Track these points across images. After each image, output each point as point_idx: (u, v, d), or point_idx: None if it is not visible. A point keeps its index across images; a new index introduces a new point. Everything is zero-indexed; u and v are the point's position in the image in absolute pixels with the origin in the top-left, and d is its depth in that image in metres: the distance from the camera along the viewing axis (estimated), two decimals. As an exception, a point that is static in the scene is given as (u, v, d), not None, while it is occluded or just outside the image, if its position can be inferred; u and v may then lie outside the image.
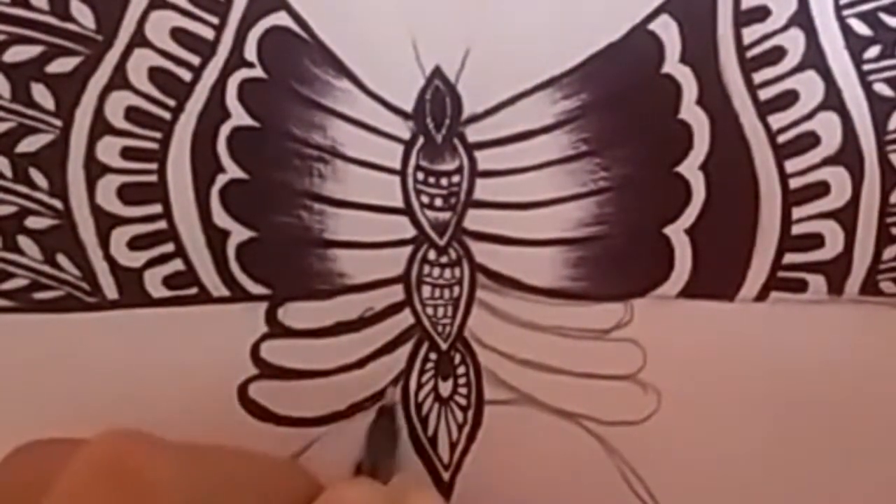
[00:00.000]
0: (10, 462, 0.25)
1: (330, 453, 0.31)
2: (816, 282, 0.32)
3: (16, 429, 0.31)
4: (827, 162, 0.31)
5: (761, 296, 0.32)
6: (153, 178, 0.30)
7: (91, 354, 0.31)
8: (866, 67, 0.31)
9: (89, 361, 0.31)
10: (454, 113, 0.31)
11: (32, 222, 0.30)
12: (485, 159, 0.31)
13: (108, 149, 0.30)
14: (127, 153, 0.30)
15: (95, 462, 0.21)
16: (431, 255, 0.31)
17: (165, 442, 0.22)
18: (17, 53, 0.30)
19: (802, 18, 0.31)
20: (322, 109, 0.31)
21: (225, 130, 0.30)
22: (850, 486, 0.32)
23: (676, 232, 0.31)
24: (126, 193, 0.30)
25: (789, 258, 0.31)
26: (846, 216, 0.31)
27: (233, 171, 0.31)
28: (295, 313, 0.31)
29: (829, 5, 0.31)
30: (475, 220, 0.31)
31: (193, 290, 0.31)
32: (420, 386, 0.32)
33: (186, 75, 0.30)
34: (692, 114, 0.31)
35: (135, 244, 0.31)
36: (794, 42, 0.31)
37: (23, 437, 0.31)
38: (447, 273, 0.31)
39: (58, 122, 0.30)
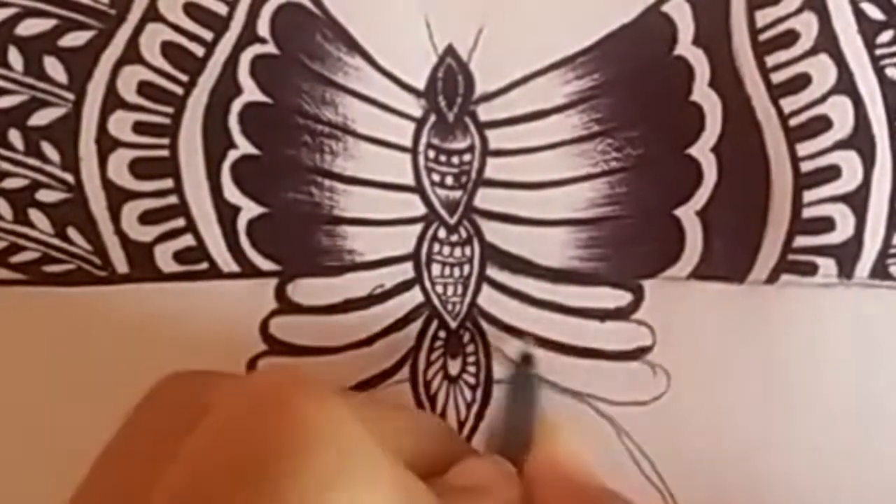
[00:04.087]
0: (161, 391, 0.25)
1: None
2: (826, 265, 0.31)
3: (24, 401, 0.31)
4: (838, 146, 0.31)
5: (771, 278, 0.32)
6: (165, 152, 0.30)
7: (100, 328, 0.31)
8: (879, 52, 0.31)
9: (99, 335, 0.31)
10: (466, 91, 0.31)
11: (44, 195, 0.30)
12: (496, 138, 0.31)
13: (121, 123, 0.30)
14: (139, 128, 0.30)
15: (249, 398, 0.20)
16: (442, 233, 0.31)
17: (327, 387, 0.21)
18: (30, 26, 0.30)
19: (816, 2, 0.31)
20: (334, 86, 0.31)
21: (237, 106, 0.30)
22: (858, 468, 0.32)
23: (687, 213, 0.31)
24: (138, 168, 0.30)
25: (800, 241, 0.31)
26: (857, 200, 0.31)
27: (244, 146, 0.31)
28: (304, 290, 0.31)
29: (842, -11, 0.31)
30: (486, 198, 0.31)
31: (204, 266, 0.31)
32: (429, 364, 0.32)
33: (199, 50, 0.30)
34: (704, 96, 0.31)
35: (146, 219, 0.31)
36: (807, 25, 0.31)
37: (30, 410, 0.31)
38: (457, 251, 0.31)
39: (70, 96, 0.30)
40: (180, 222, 0.31)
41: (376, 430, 0.21)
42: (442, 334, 0.32)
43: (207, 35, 0.30)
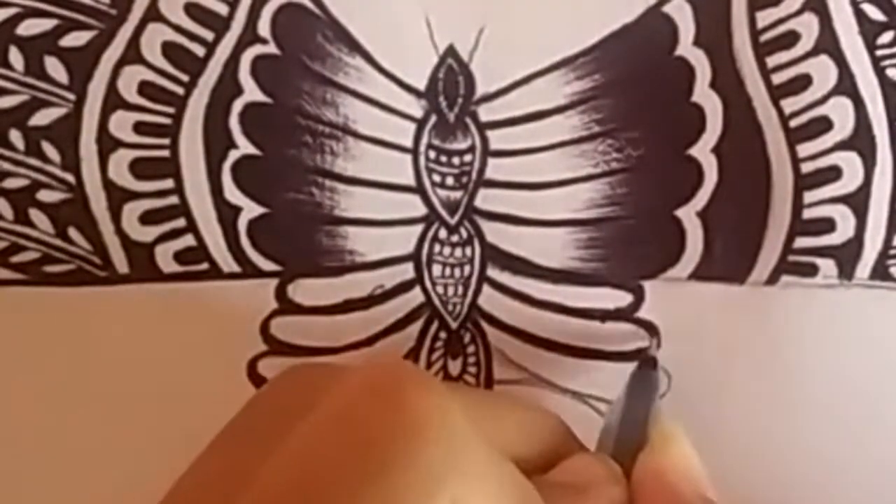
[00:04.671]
0: (280, 380, 0.25)
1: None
2: (827, 266, 0.32)
3: (24, 401, 0.31)
4: (839, 147, 0.31)
5: (772, 279, 0.32)
6: (165, 153, 0.30)
7: (101, 328, 0.31)
8: (879, 53, 0.31)
9: (99, 335, 0.31)
10: (467, 92, 0.31)
11: (44, 196, 0.30)
12: (497, 139, 0.31)
13: (121, 123, 0.30)
14: (140, 128, 0.30)
15: (365, 386, 0.20)
16: (442, 233, 0.31)
17: (436, 379, 0.21)
18: (30, 26, 0.30)
19: (817, 3, 0.31)
20: (334, 86, 0.31)
21: (237, 106, 0.30)
22: (858, 469, 0.32)
23: (688, 214, 0.31)
24: (138, 168, 0.30)
25: (800, 242, 0.31)
26: (857, 201, 0.31)
27: (245, 147, 0.31)
28: (305, 290, 0.31)
29: (843, -9, 0.31)
30: (487, 199, 0.31)
31: (204, 266, 0.31)
32: (429, 365, 0.32)
33: (200, 50, 0.30)
34: (705, 97, 0.31)
35: (146, 219, 0.31)
36: (808, 26, 0.31)
37: (31, 410, 0.31)
38: (458, 252, 0.31)
39: (71, 96, 0.30)
40: (181, 222, 0.31)
41: (487, 425, 0.22)
42: (442, 335, 0.32)
43: (208, 35, 0.30)
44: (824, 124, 0.31)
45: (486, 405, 0.25)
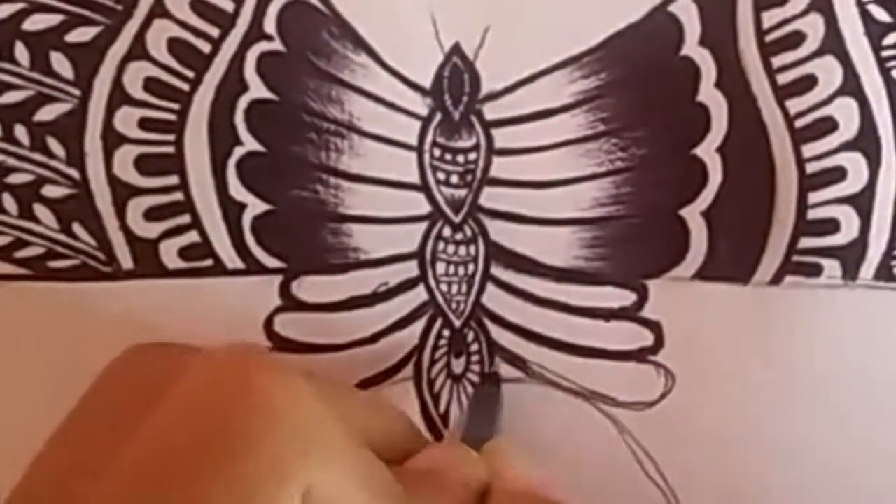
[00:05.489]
0: (118, 365, 0.25)
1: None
2: (831, 266, 0.31)
3: (28, 396, 0.31)
4: (844, 147, 0.31)
5: (776, 279, 0.32)
6: (170, 149, 0.30)
7: (105, 324, 0.31)
8: (885, 54, 0.31)
9: (103, 331, 0.31)
10: (472, 90, 0.31)
11: (49, 191, 0.31)
12: (502, 137, 0.31)
13: (126, 119, 0.30)
14: (145, 124, 0.30)
15: (211, 374, 0.20)
16: (446, 231, 0.31)
17: (290, 366, 0.21)
18: (36, 22, 0.30)
19: (822, 3, 0.31)
20: (340, 84, 0.31)
21: (243, 103, 0.30)
22: (862, 470, 0.32)
23: (692, 214, 0.31)
24: (143, 164, 0.30)
25: (804, 242, 0.31)
26: (862, 202, 0.31)
27: (250, 143, 0.31)
28: (309, 287, 0.31)
29: (849, -9, 0.31)
30: (491, 197, 0.31)
31: (208, 262, 0.31)
32: (433, 362, 0.32)
33: (205, 47, 0.30)
34: (710, 96, 0.31)
35: (151, 215, 0.31)
36: (814, 27, 0.31)
37: (35, 404, 0.31)
38: (462, 250, 0.31)
39: (76, 92, 0.30)
40: (185, 219, 0.31)
41: (344, 412, 0.21)
42: (446, 333, 0.32)
43: (214, 32, 0.30)
44: (829, 125, 0.31)
45: (341, 393, 0.25)
